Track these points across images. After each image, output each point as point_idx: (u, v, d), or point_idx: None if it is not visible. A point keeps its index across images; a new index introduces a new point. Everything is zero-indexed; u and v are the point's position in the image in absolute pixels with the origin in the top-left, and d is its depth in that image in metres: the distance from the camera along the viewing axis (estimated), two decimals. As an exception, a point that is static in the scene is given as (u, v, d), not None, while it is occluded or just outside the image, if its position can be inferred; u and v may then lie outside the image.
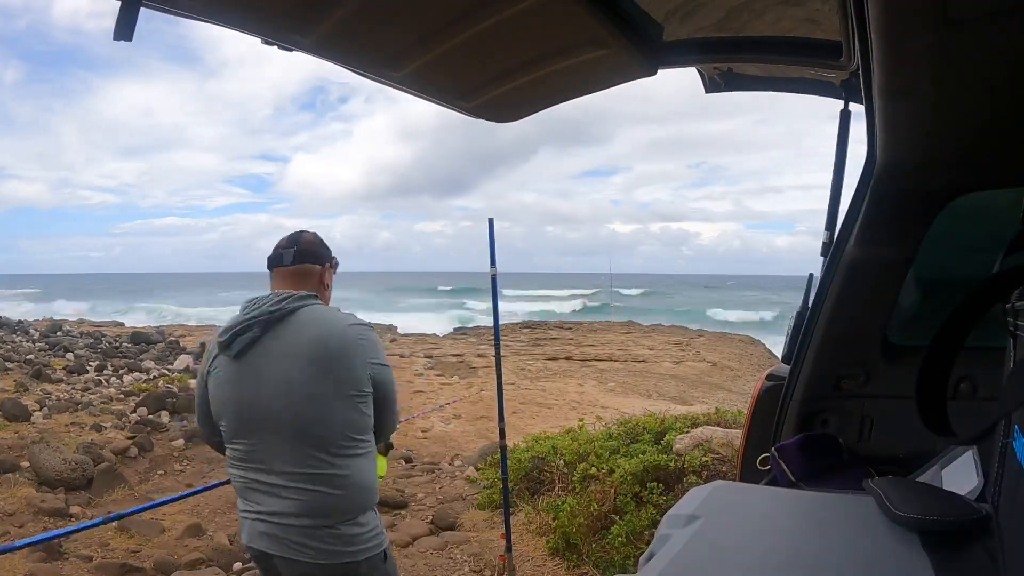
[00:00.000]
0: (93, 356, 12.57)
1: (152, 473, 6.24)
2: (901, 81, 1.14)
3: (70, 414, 7.76)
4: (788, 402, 1.98)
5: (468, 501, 5.41)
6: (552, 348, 17.85)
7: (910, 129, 1.39)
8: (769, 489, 1.51)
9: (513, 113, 2.01)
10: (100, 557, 4.19)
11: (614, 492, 4.02)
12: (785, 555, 1.04)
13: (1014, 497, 0.92)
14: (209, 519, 5.04)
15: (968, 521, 1.02)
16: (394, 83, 1.66)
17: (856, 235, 1.78)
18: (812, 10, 1.58)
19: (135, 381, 10.35)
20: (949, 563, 0.94)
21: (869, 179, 1.71)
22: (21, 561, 3.96)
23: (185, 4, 1.22)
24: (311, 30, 1.36)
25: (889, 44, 1.02)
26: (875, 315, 1.87)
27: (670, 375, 14.06)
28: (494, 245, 3.17)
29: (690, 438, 4.37)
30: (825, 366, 1.93)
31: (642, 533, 3.67)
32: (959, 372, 1.70)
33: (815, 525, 1.15)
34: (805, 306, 1.97)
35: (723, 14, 1.65)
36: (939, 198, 1.70)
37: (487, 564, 4.08)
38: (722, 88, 2.15)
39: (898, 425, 1.84)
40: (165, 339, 16.06)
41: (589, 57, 1.58)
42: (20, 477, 5.36)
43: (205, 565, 4.18)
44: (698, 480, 3.81)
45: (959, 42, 0.98)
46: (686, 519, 1.16)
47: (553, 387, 12.27)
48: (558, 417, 9.45)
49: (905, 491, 1.14)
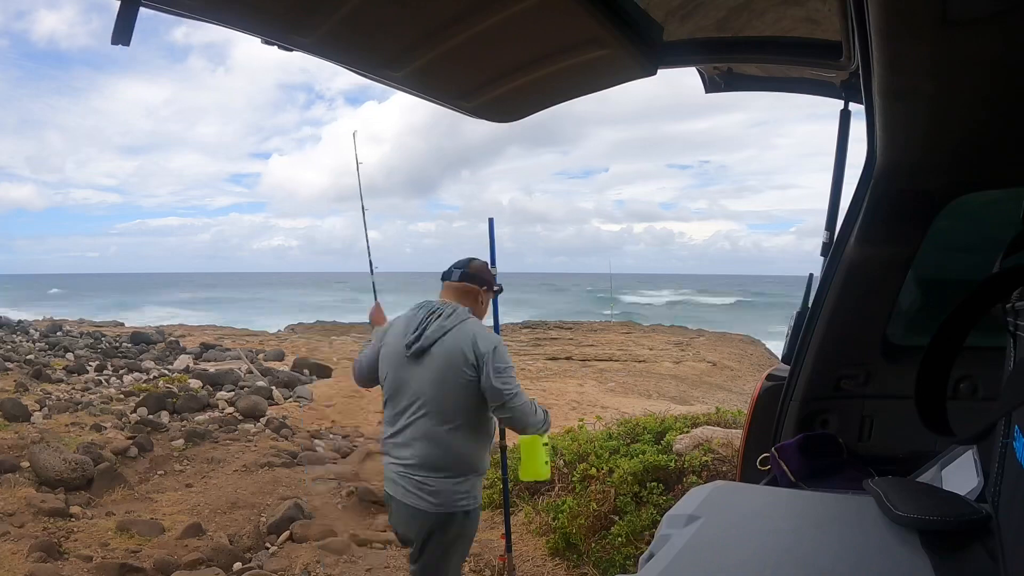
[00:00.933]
0: (93, 356, 12.57)
1: (152, 473, 6.23)
2: (901, 81, 1.14)
3: (70, 414, 7.76)
4: (788, 402, 1.98)
5: (468, 501, 5.41)
6: (552, 348, 17.85)
7: (910, 129, 1.39)
8: (769, 489, 1.51)
9: (513, 113, 2.01)
10: (100, 557, 4.18)
11: (614, 492, 4.02)
12: (785, 555, 1.04)
13: (1014, 497, 0.93)
14: (209, 519, 5.04)
15: (968, 521, 1.02)
16: (394, 83, 1.66)
17: (856, 235, 1.78)
18: (812, 10, 1.58)
19: (135, 381, 10.35)
20: (949, 563, 0.95)
21: (869, 179, 1.71)
22: (21, 561, 3.96)
23: (185, 4, 1.22)
24: (311, 30, 1.36)
25: (889, 44, 1.02)
26: (875, 315, 1.87)
27: (670, 375, 14.06)
28: (494, 245, 3.16)
29: (690, 438, 4.37)
30: (825, 366, 1.93)
31: (642, 533, 3.67)
32: (959, 372, 1.70)
33: (815, 525, 1.15)
34: (805, 306, 1.97)
35: (723, 14, 1.65)
36: (939, 198, 1.70)
37: (487, 564, 4.08)
38: (722, 88, 2.15)
39: (898, 425, 1.84)
40: (165, 339, 16.06)
41: (589, 57, 1.58)
42: (20, 477, 5.36)
43: (205, 565, 4.18)
44: (698, 480, 3.81)
45: (959, 43, 0.98)
46: (686, 519, 1.16)
47: (553, 387, 12.25)
48: (558, 417, 9.44)
49: (905, 491, 1.15)
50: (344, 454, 7.33)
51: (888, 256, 1.79)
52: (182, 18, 1.26)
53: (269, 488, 5.69)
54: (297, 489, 5.68)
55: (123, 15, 1.05)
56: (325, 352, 16.25)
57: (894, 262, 1.79)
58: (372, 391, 2.85)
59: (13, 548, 4.13)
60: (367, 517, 5.22)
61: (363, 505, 5.39)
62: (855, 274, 1.82)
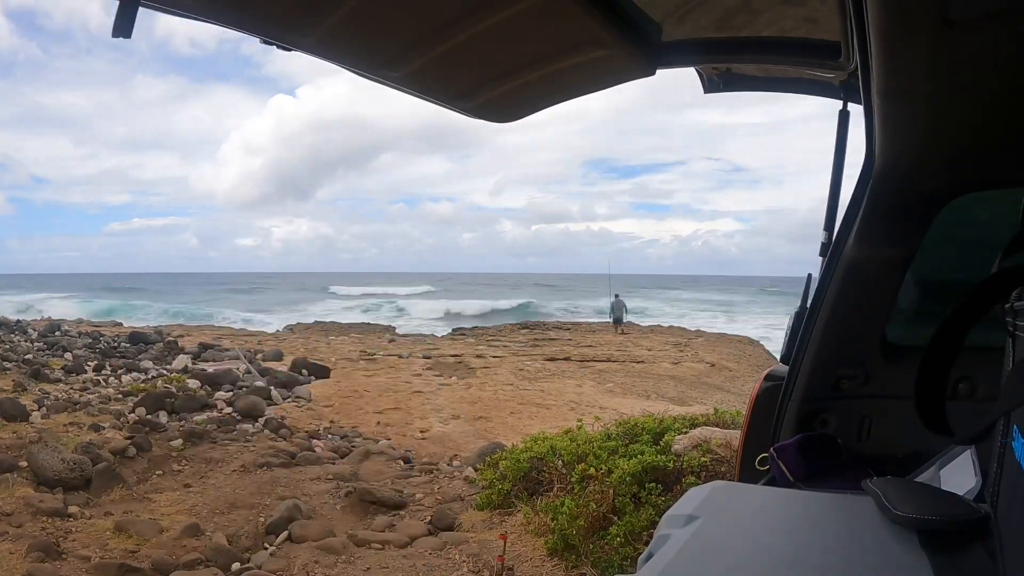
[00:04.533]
0: (91, 356, 12.55)
1: (150, 473, 6.22)
2: (900, 81, 1.14)
3: (68, 414, 7.75)
4: (787, 402, 1.98)
5: (467, 502, 5.41)
6: (551, 349, 17.83)
7: (909, 129, 1.39)
8: (768, 489, 1.51)
9: (513, 113, 2.01)
10: (98, 557, 4.18)
11: (612, 493, 4.01)
12: (784, 555, 1.04)
13: (1013, 497, 0.93)
14: (207, 519, 5.03)
15: (967, 521, 1.02)
16: (394, 83, 1.66)
17: (855, 235, 1.78)
18: (811, 10, 1.58)
19: (133, 381, 10.34)
20: (948, 563, 0.94)
21: (868, 179, 1.71)
22: (19, 560, 3.95)
23: (185, 4, 1.22)
24: (311, 30, 1.36)
25: (888, 44, 1.02)
26: (874, 315, 1.87)
27: (668, 376, 14.04)
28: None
29: (688, 439, 4.37)
30: (824, 366, 1.93)
31: (640, 533, 3.67)
32: (959, 372, 1.70)
33: (814, 525, 1.15)
34: (804, 306, 1.97)
35: (722, 14, 1.65)
36: (938, 198, 1.70)
37: (485, 564, 4.08)
38: (721, 88, 2.15)
39: (897, 425, 1.84)
40: (163, 339, 16.04)
41: (588, 57, 1.58)
42: (18, 477, 5.35)
43: (203, 565, 4.17)
44: (697, 480, 3.81)
45: (958, 43, 0.98)
46: (685, 519, 1.16)
47: (552, 388, 12.24)
48: (556, 418, 9.44)
49: (904, 491, 1.15)
50: (343, 454, 7.33)
51: (887, 256, 1.79)
52: (182, 18, 1.26)
53: (267, 488, 5.69)
54: (295, 489, 5.68)
55: (123, 11, 1.06)
56: (323, 352, 16.25)
57: (893, 262, 1.79)
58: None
59: (11, 548, 4.13)
60: (365, 517, 5.22)
61: (362, 505, 5.39)
62: (854, 274, 1.82)
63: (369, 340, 19.89)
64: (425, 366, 14.62)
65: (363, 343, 18.72)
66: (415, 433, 8.88)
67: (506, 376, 13.36)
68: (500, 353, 16.85)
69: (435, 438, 8.66)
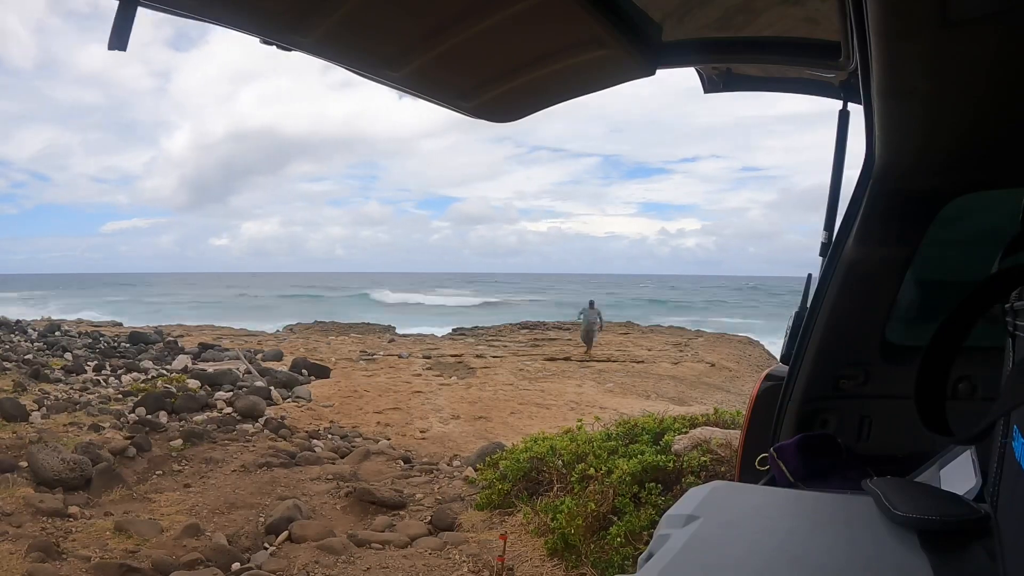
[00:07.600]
0: (91, 356, 12.55)
1: (150, 473, 6.22)
2: (900, 82, 1.14)
3: (68, 414, 7.75)
4: (787, 402, 1.98)
5: (467, 502, 5.41)
6: (551, 349, 17.81)
7: (909, 129, 1.39)
8: (768, 489, 1.51)
9: (513, 113, 2.01)
10: (98, 557, 4.17)
11: (612, 493, 4.02)
12: (784, 555, 1.04)
13: (1013, 497, 0.93)
14: (207, 519, 5.03)
15: (967, 521, 1.02)
16: (394, 83, 1.67)
17: (855, 235, 1.78)
18: (811, 10, 1.58)
19: (133, 381, 10.34)
20: (948, 563, 0.95)
21: (868, 179, 1.71)
22: (19, 561, 3.95)
23: (185, 4, 1.22)
24: (311, 30, 1.36)
25: (888, 45, 1.02)
26: (874, 315, 1.87)
27: (668, 376, 14.04)
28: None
29: (688, 439, 4.37)
30: (824, 366, 1.93)
31: (640, 533, 3.67)
32: (959, 372, 1.70)
33: (814, 525, 1.15)
34: (804, 306, 1.97)
35: (722, 14, 1.65)
36: (938, 198, 1.70)
37: (485, 564, 4.08)
38: (721, 88, 2.15)
39: (897, 425, 1.84)
40: (163, 339, 16.04)
41: (588, 57, 1.58)
42: (18, 477, 5.34)
43: (203, 565, 4.17)
44: (696, 480, 3.81)
45: (958, 43, 0.98)
46: (685, 519, 1.16)
47: (552, 388, 12.24)
48: (556, 418, 9.44)
49: (904, 491, 1.15)
50: (343, 454, 7.33)
51: (887, 256, 1.79)
52: (181, 18, 1.26)
53: (267, 488, 5.69)
54: (295, 489, 5.68)
55: (121, 17, 1.05)
56: (323, 352, 16.24)
57: (893, 262, 1.79)
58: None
59: (11, 548, 4.12)
60: (365, 517, 5.22)
61: (361, 505, 5.38)
62: (854, 274, 1.82)
63: (369, 340, 19.87)
64: (425, 366, 14.61)
65: (363, 343, 18.71)
66: (415, 433, 8.88)
67: (506, 376, 13.35)
68: (500, 353, 16.84)
69: (435, 438, 8.66)
